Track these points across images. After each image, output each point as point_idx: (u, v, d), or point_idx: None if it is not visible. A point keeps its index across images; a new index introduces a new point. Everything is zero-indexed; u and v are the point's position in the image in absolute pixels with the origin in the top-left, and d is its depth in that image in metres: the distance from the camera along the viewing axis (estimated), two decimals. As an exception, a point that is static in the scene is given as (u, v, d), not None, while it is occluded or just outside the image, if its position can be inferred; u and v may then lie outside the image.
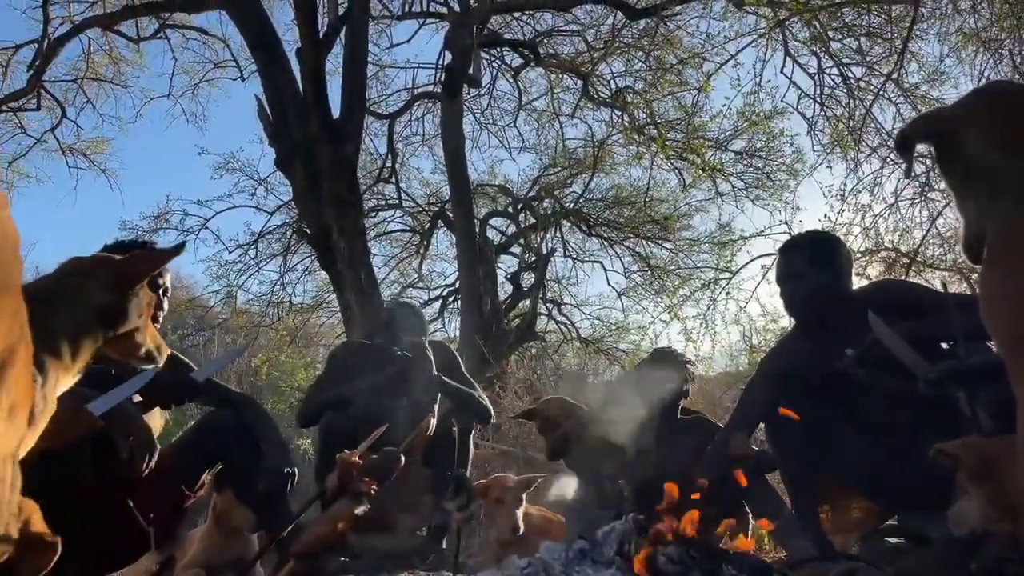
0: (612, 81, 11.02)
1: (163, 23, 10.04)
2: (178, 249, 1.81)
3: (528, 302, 11.97)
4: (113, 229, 11.79)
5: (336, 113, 7.92)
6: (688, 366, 3.55)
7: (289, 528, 2.33)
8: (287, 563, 2.43)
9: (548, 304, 13.05)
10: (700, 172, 10.97)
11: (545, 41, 10.91)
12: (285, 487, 2.66)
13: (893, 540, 2.79)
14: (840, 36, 8.95)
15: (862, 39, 8.83)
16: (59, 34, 9.31)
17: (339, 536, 2.30)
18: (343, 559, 2.36)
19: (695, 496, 1.91)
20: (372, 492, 2.30)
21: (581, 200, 12.95)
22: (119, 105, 14.87)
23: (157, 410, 2.72)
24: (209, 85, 11.28)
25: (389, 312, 3.74)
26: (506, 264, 13.38)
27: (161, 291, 2.60)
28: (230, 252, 11.71)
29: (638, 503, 2.79)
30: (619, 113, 11.13)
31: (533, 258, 12.78)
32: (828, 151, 9.41)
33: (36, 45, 9.30)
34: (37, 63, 9.34)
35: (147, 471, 2.32)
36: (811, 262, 2.78)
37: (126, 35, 9.94)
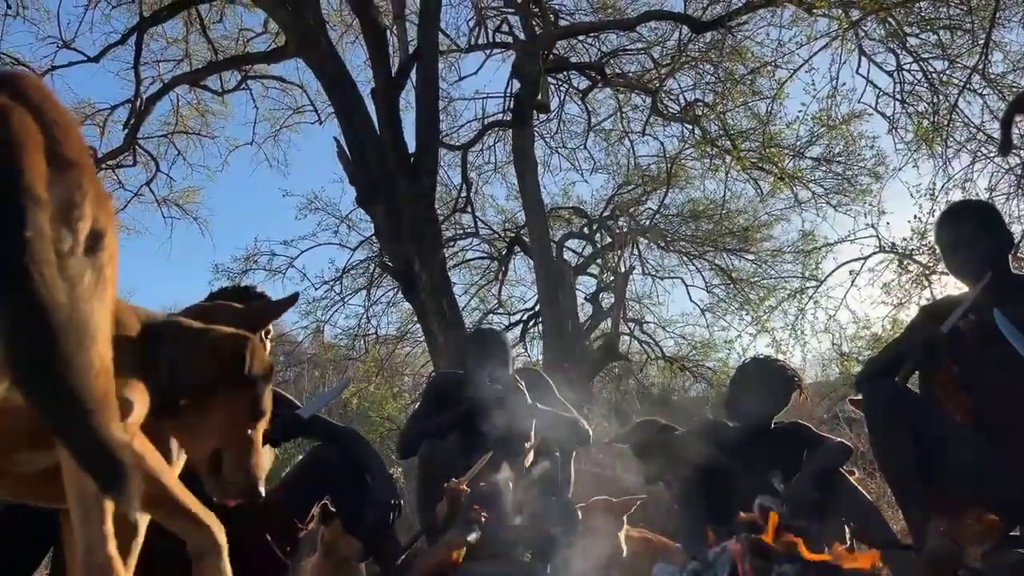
0: (681, 96, 10.95)
1: (245, 75, 10.55)
2: (292, 300, 1.92)
3: (609, 322, 11.92)
4: (206, 273, 12.32)
5: (411, 148, 8.14)
6: (792, 376, 3.51)
7: (402, 558, 2.39)
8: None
9: (630, 323, 12.96)
10: (778, 181, 10.76)
11: (611, 61, 10.94)
12: (391, 517, 2.74)
13: (1020, 551, 2.66)
14: (918, 31, 8.68)
15: (941, 32, 8.54)
16: (150, 93, 9.88)
17: (453, 564, 2.35)
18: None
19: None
20: (483, 520, 2.34)
21: (657, 216, 12.84)
22: (207, 155, 15.67)
23: (267, 446, 2.84)
24: (289, 130, 11.78)
25: (473, 341, 3.79)
26: (585, 285, 13.38)
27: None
28: (316, 289, 12.11)
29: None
30: (690, 127, 11.04)
31: (612, 278, 12.74)
32: (913, 150, 9.11)
33: (130, 105, 9.89)
34: (131, 121, 9.91)
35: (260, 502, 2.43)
36: (983, 226, 2.70)
37: (211, 89, 10.48)
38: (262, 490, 1.72)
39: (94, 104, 10.39)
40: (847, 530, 2.91)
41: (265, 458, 2.81)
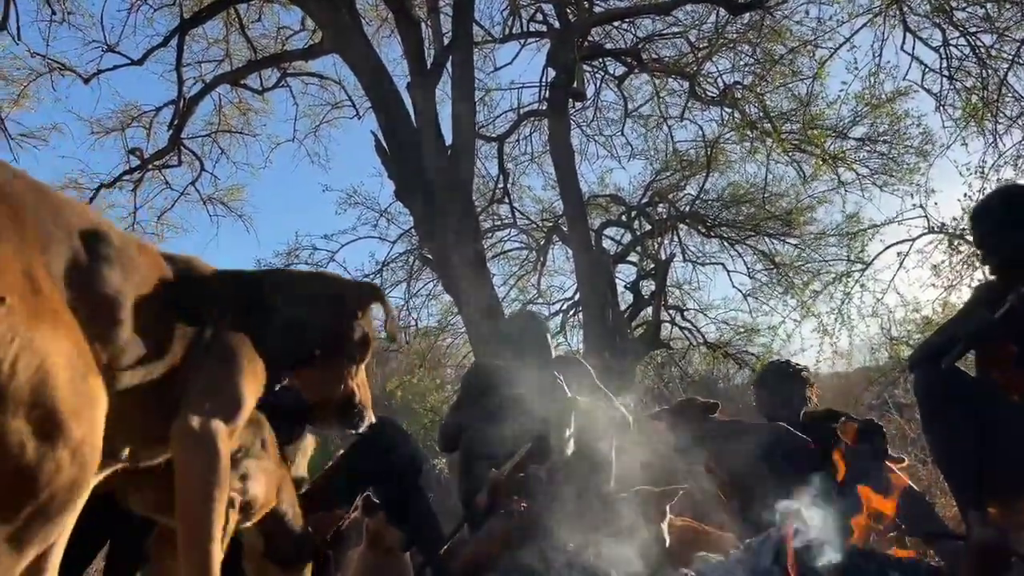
0: (719, 79, 10.78)
1: (284, 72, 10.66)
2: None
3: (650, 310, 11.83)
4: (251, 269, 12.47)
5: (448, 140, 8.15)
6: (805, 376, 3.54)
7: (445, 547, 2.41)
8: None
9: (671, 311, 12.84)
10: (820, 163, 10.53)
11: (647, 46, 10.79)
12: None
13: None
14: (964, 4, 8.40)
15: (988, 5, 8.26)
16: (193, 93, 10.04)
17: (496, 553, 2.37)
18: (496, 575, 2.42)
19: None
20: (523, 509, 2.35)
21: (697, 202, 12.67)
22: (250, 153, 15.90)
23: (309, 436, 2.89)
24: (329, 125, 11.87)
25: (512, 326, 3.79)
26: (625, 273, 13.29)
27: None
28: (357, 282, 12.20)
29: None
30: (729, 110, 10.87)
31: (652, 265, 12.63)
32: (961, 127, 8.84)
33: (173, 106, 10.07)
34: (175, 122, 10.10)
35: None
36: (1007, 223, 2.62)
37: (252, 87, 10.60)
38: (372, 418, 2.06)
39: (140, 106, 10.63)
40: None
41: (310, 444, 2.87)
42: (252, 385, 1.63)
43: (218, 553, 1.49)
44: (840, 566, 1.68)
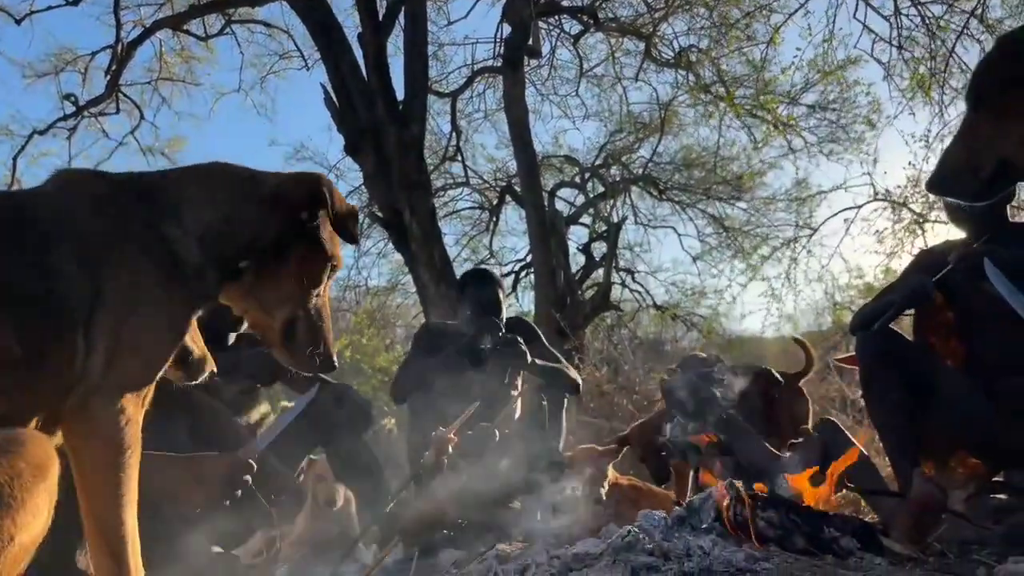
0: (675, 41, 10.73)
1: (229, 19, 10.25)
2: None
3: (601, 272, 11.89)
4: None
5: (400, 95, 7.98)
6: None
7: (390, 505, 2.40)
8: (392, 540, 2.51)
9: (622, 273, 12.94)
10: (772, 128, 10.64)
11: (604, 5, 10.68)
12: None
13: (999, 497, 2.68)
14: (916, -26, 8.49)
15: (939, -25, 8.36)
16: (131, 38, 9.61)
17: (443, 511, 2.36)
18: (446, 532, 2.42)
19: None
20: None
21: (650, 165, 12.73)
22: (193, 103, 15.31)
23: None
24: (276, 76, 11.49)
25: (466, 282, 3.76)
26: (577, 235, 13.31)
27: None
28: (306, 240, 11.98)
29: None
30: (684, 73, 10.86)
31: (604, 227, 12.67)
32: (909, 97, 9.00)
33: (111, 51, 9.63)
34: (113, 68, 9.67)
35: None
36: None
37: (195, 34, 10.18)
38: (336, 361, 1.61)
39: (75, 50, 10.14)
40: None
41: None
42: (163, 332, 1.41)
43: (134, 538, 1.35)
44: (777, 522, 1.71)
